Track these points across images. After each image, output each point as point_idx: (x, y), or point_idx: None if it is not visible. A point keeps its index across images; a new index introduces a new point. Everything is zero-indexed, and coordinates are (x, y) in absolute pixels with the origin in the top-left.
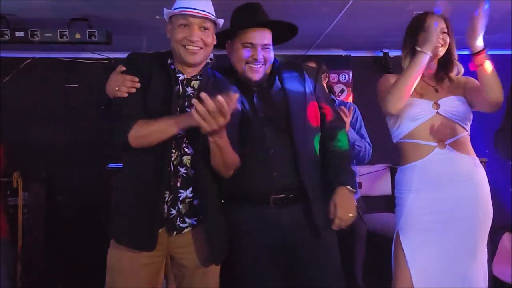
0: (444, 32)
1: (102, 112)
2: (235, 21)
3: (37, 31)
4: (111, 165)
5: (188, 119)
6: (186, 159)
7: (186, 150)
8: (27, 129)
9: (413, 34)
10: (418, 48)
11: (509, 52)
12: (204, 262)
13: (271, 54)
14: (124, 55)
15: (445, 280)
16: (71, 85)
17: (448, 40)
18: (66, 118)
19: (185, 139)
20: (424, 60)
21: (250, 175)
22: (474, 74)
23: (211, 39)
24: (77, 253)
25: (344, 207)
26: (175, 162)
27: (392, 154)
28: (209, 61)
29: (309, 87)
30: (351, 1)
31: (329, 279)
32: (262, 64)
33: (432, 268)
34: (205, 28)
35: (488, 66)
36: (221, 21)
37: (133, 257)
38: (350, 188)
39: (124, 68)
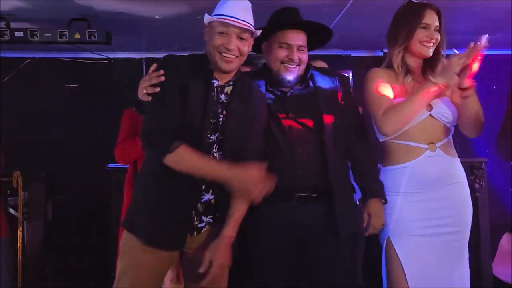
0: (437, 30)
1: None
2: (272, 22)
3: (36, 31)
4: (111, 165)
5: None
6: None
7: (216, 155)
8: (27, 129)
9: (409, 30)
10: (432, 79)
11: (509, 52)
12: None
13: (305, 56)
14: (123, 55)
15: (438, 282)
16: (71, 85)
17: (439, 38)
18: (66, 118)
19: (215, 144)
20: (435, 91)
21: (275, 172)
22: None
23: (247, 48)
24: (77, 253)
25: (377, 217)
26: None
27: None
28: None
29: (340, 92)
30: (351, 1)
31: (344, 280)
32: (296, 65)
33: (427, 273)
34: (242, 38)
35: (474, 101)
36: (258, 32)
37: (149, 251)
38: (382, 200)
39: (154, 67)
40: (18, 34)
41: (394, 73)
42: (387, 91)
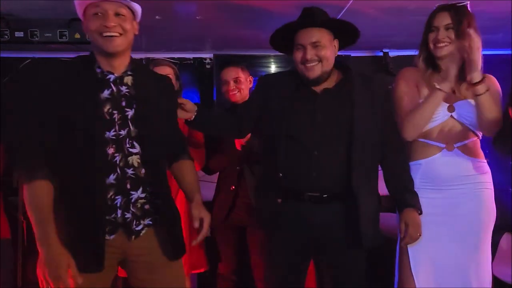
0: (450, 28)
1: None
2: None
3: (37, 31)
4: None
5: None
6: (132, 159)
7: (131, 150)
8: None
9: (424, 33)
10: (436, 85)
11: (509, 52)
12: (165, 258)
13: (325, 52)
14: None
15: (447, 281)
16: None
17: (452, 37)
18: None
19: (127, 139)
20: (440, 98)
21: (292, 170)
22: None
23: (130, 25)
24: None
25: (414, 227)
26: (121, 164)
27: None
28: (209, 61)
29: (377, 101)
30: (351, 1)
31: (351, 281)
32: (317, 62)
33: (434, 270)
34: (120, 14)
35: (487, 98)
36: (138, 7)
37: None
38: (418, 211)
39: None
40: (18, 34)
41: (422, 74)
42: (411, 92)
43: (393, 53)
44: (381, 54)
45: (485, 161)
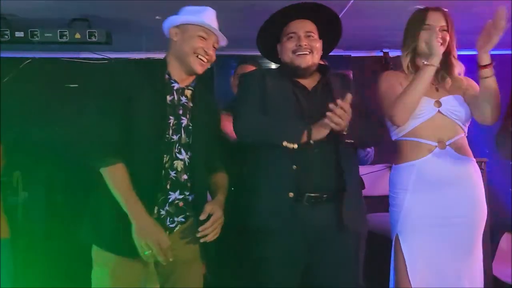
0: (444, 30)
1: None
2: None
3: (37, 31)
4: None
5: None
6: (177, 164)
7: (178, 155)
8: (27, 129)
9: (414, 33)
10: (425, 62)
11: (509, 52)
12: (193, 256)
13: (316, 44)
14: (124, 55)
15: (442, 281)
16: (71, 85)
17: (447, 38)
18: (66, 118)
19: (177, 144)
20: (431, 73)
21: (287, 171)
22: (474, 75)
23: (215, 58)
24: (77, 253)
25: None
26: (166, 166)
27: (392, 154)
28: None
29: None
30: (351, 1)
31: (347, 280)
32: (309, 52)
33: (430, 271)
34: (214, 47)
35: (492, 82)
36: (223, 42)
37: (121, 262)
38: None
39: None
40: (19, 34)
41: (405, 75)
42: (396, 88)
43: (393, 53)
44: (381, 54)
45: (474, 159)
